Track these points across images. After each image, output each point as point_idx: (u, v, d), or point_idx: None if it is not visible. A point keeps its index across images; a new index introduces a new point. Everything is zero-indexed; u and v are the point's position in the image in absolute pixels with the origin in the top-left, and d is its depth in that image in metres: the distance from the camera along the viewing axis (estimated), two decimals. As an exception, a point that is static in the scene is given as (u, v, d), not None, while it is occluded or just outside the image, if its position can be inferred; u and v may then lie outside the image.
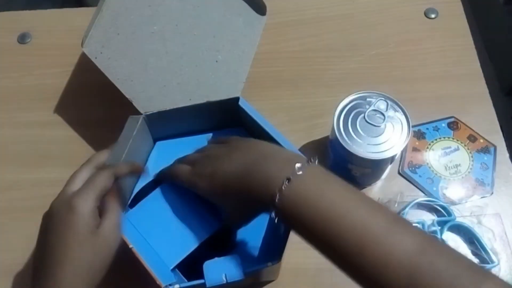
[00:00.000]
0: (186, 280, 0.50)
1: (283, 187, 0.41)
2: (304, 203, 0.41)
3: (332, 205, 0.40)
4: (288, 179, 0.41)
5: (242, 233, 0.53)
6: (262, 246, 0.55)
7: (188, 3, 0.64)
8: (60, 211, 0.45)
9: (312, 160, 0.44)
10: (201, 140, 0.64)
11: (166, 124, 0.61)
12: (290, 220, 0.42)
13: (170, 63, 0.62)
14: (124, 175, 0.51)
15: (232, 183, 0.46)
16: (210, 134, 0.64)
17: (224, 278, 0.46)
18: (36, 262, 0.45)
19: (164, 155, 0.59)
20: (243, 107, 0.59)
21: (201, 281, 0.46)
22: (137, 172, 0.55)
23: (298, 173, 0.41)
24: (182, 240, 0.52)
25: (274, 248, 0.51)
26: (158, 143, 0.64)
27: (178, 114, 0.60)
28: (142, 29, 0.61)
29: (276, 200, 0.41)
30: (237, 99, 0.59)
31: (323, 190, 0.41)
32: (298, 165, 0.42)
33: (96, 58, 0.58)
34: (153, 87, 0.61)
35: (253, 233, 0.54)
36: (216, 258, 0.48)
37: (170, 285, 0.46)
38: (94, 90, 0.73)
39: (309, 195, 0.41)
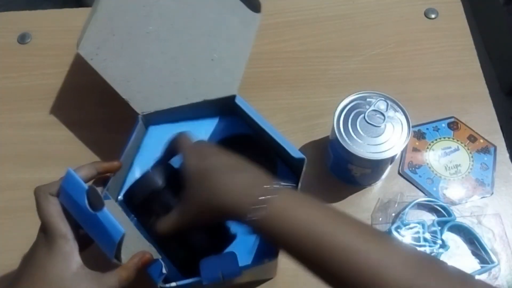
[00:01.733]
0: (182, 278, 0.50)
1: (260, 204, 0.41)
2: (283, 223, 0.41)
3: (315, 226, 0.41)
4: (264, 198, 0.42)
5: (239, 230, 0.53)
6: (259, 243, 0.55)
7: (183, 2, 0.64)
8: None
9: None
10: (195, 126, 0.63)
11: (163, 123, 0.61)
12: (269, 237, 0.43)
13: (166, 63, 0.62)
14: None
15: (215, 175, 0.45)
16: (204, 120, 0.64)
17: (220, 276, 0.46)
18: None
19: (157, 142, 0.56)
20: (240, 104, 0.59)
21: (198, 278, 0.46)
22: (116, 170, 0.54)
23: (274, 191, 0.42)
24: None
25: (270, 245, 0.51)
26: (150, 127, 0.62)
27: (175, 113, 0.60)
28: (137, 30, 0.61)
29: (251, 216, 0.41)
30: (233, 97, 0.59)
31: (305, 212, 0.42)
32: (275, 185, 0.43)
33: (92, 59, 0.58)
34: (149, 87, 0.60)
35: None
36: (212, 256, 0.48)
37: (167, 283, 0.46)
38: (94, 91, 0.73)
39: (289, 216, 0.41)
